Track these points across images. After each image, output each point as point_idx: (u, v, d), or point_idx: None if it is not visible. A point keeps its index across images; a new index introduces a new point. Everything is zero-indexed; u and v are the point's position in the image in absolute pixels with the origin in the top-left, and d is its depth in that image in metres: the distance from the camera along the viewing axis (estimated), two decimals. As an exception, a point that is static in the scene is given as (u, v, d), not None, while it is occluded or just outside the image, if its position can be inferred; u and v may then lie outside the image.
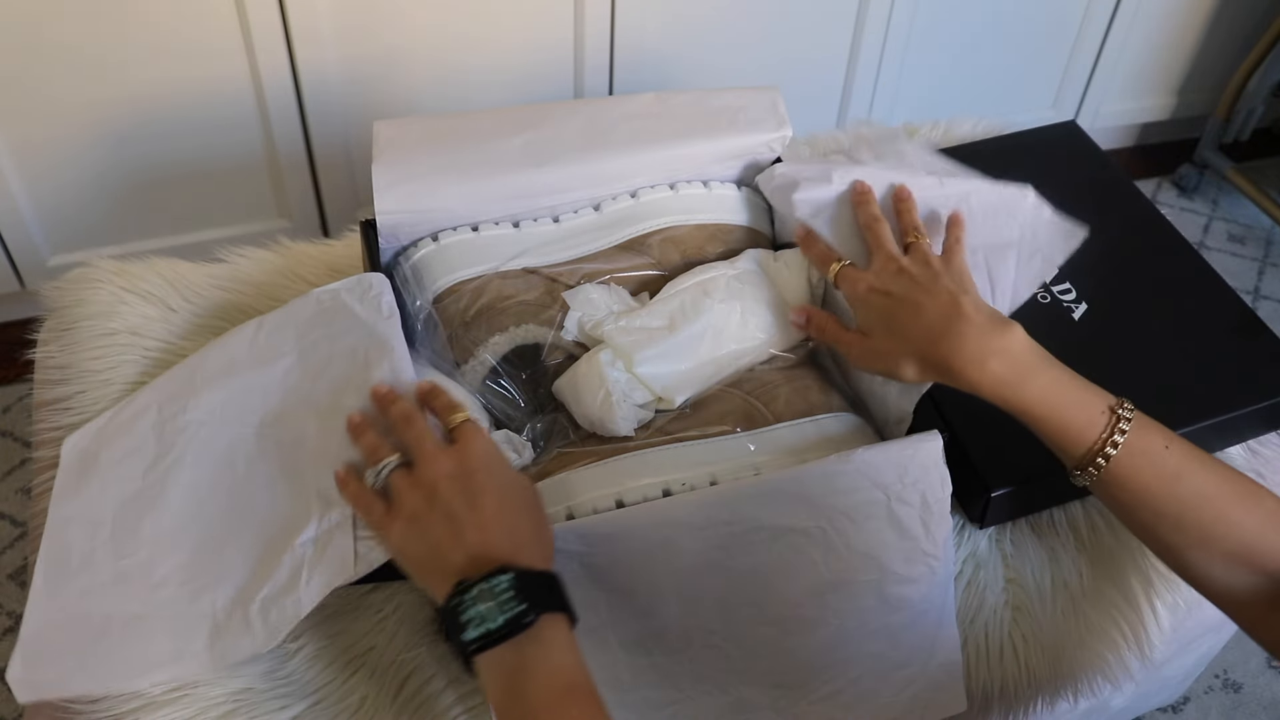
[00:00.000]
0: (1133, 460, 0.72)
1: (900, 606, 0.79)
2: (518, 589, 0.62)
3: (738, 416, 0.82)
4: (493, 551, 0.65)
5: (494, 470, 0.69)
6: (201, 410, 0.84)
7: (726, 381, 0.86)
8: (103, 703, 0.74)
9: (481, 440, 0.71)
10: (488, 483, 0.68)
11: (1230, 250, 2.01)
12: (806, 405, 0.83)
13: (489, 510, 0.67)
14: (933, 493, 0.77)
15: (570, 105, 0.98)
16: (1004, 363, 0.74)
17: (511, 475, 0.71)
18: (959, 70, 1.84)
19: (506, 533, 0.67)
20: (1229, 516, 0.70)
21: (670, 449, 0.80)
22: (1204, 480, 0.72)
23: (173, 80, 1.43)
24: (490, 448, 0.71)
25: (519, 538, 0.67)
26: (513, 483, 0.70)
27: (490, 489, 0.68)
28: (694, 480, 0.78)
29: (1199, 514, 0.71)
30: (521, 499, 0.70)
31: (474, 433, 0.71)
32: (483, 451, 0.70)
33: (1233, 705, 1.38)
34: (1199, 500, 0.71)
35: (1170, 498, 0.72)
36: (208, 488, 0.80)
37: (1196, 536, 0.71)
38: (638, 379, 0.82)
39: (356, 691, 0.77)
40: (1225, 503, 0.71)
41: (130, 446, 0.84)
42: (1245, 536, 0.70)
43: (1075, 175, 1.11)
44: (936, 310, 0.77)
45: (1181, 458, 0.72)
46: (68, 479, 0.84)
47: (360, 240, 0.93)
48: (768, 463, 0.79)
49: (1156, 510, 0.72)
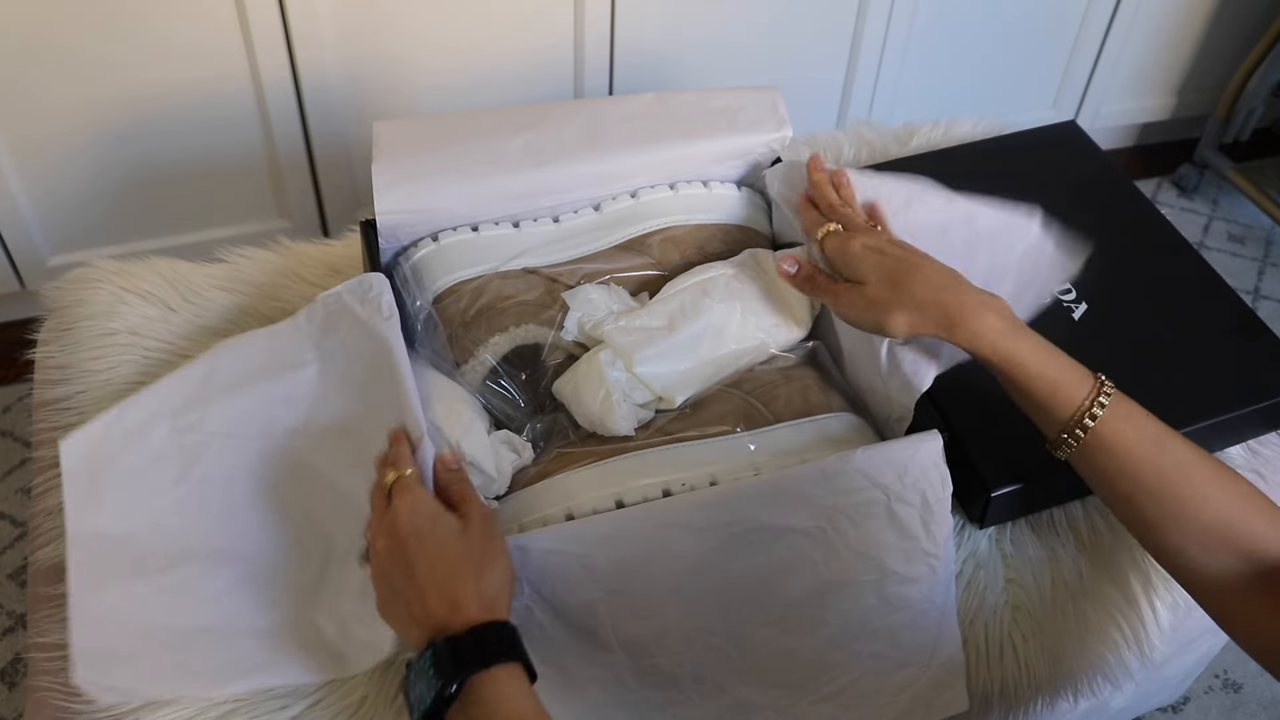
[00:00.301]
0: (1118, 423, 0.73)
1: (901, 606, 0.79)
2: (437, 663, 0.63)
3: (738, 416, 0.82)
4: (432, 619, 0.65)
5: (422, 532, 0.68)
6: (223, 421, 0.84)
7: (726, 381, 0.86)
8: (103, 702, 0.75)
9: (407, 502, 0.69)
10: (418, 550, 0.67)
11: (1230, 250, 2.00)
12: (806, 405, 0.83)
13: (421, 579, 0.67)
14: (933, 492, 0.77)
15: (570, 105, 0.99)
16: (1001, 317, 0.76)
17: (441, 531, 0.69)
18: (959, 70, 1.84)
19: (440, 597, 0.66)
20: (1205, 491, 0.71)
21: (670, 449, 0.80)
22: (1184, 452, 0.73)
23: (173, 80, 1.43)
24: (416, 506, 0.69)
25: (454, 596, 0.66)
26: (442, 540, 0.68)
27: (420, 556, 0.67)
28: (694, 480, 0.78)
29: (1177, 487, 0.72)
30: (454, 554, 0.68)
31: (399, 494, 0.70)
32: (407, 515, 0.69)
33: (1233, 705, 1.38)
34: (1178, 472, 0.72)
35: (1151, 465, 0.72)
36: (247, 500, 0.81)
37: (1173, 510, 0.72)
38: (638, 379, 0.82)
39: (356, 691, 0.77)
40: (1202, 477, 0.72)
41: (150, 456, 0.83)
42: (1220, 512, 0.71)
43: (1075, 175, 1.11)
44: (934, 269, 0.79)
45: (1161, 427, 0.74)
46: (79, 485, 0.83)
47: (360, 240, 0.93)
48: (768, 463, 0.79)
49: (1137, 479, 0.73)
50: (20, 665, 1.26)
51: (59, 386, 0.92)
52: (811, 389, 0.85)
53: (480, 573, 0.67)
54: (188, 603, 0.77)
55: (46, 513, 0.85)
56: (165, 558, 0.79)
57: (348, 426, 0.81)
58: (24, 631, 1.25)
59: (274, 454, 0.82)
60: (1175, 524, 0.72)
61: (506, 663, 0.64)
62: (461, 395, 0.82)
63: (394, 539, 0.68)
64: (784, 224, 0.96)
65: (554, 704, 0.70)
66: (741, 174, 0.98)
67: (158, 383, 0.87)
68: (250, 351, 0.87)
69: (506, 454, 0.80)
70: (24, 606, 0.79)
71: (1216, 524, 0.71)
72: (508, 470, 0.79)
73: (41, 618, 0.80)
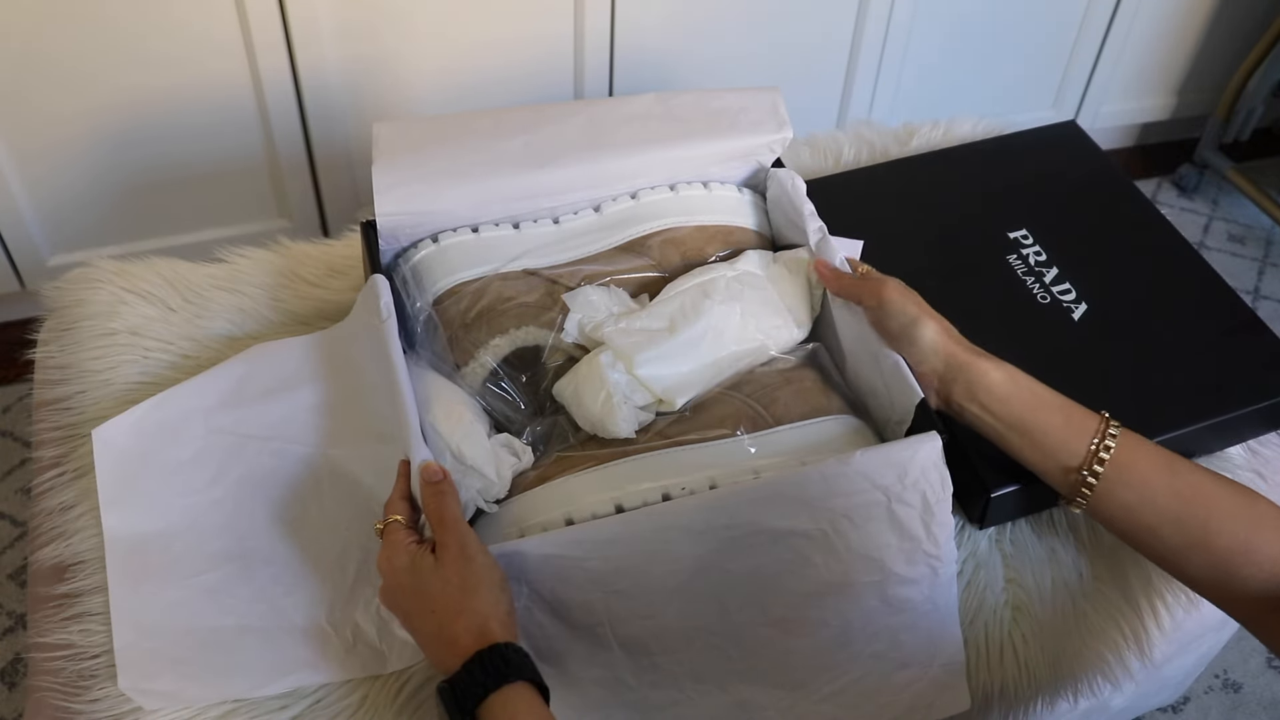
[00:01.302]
0: (1131, 454, 0.73)
1: (902, 608, 0.79)
2: (446, 708, 0.65)
3: (738, 419, 0.82)
4: (443, 663, 0.67)
5: (403, 584, 0.70)
6: (260, 424, 0.85)
7: (727, 384, 0.85)
8: (103, 702, 0.75)
9: (387, 553, 0.71)
10: (404, 600, 0.70)
11: (1230, 250, 2.00)
12: (807, 408, 0.83)
13: (416, 627, 0.70)
14: (933, 493, 0.77)
15: (570, 106, 0.98)
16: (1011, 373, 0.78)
17: (420, 576, 0.69)
18: (959, 70, 1.84)
19: (436, 641, 0.68)
20: (1226, 511, 0.72)
21: (670, 453, 0.80)
22: (1198, 476, 0.73)
23: (173, 80, 1.43)
24: (394, 557, 0.71)
25: (447, 635, 0.67)
26: (422, 586, 0.69)
27: (408, 606, 0.70)
28: (693, 484, 0.78)
29: (1197, 509, 0.72)
30: (436, 594, 0.68)
31: (385, 544, 0.72)
32: (388, 566, 0.71)
33: (1233, 705, 1.38)
34: (1196, 495, 0.72)
35: (1170, 492, 0.72)
36: (283, 504, 0.82)
37: (1199, 534, 0.72)
38: (638, 380, 0.82)
39: (357, 691, 0.77)
40: (1221, 499, 0.72)
41: (186, 455, 0.84)
42: (1242, 533, 0.71)
43: (1075, 175, 1.11)
44: None
45: (1172, 455, 0.74)
46: (111, 482, 0.83)
47: (360, 241, 0.93)
48: (768, 465, 0.79)
49: (1157, 507, 0.73)
50: (20, 665, 1.26)
51: (59, 386, 0.92)
52: (812, 391, 0.85)
53: (463, 605, 0.67)
54: (228, 603, 0.78)
55: (46, 513, 0.85)
56: (204, 559, 0.80)
57: (380, 432, 0.82)
58: (24, 631, 1.25)
59: (310, 459, 0.84)
60: (1201, 548, 0.72)
61: (509, 684, 0.64)
62: (461, 398, 0.82)
63: (385, 590, 0.71)
64: (783, 225, 0.96)
65: (554, 703, 0.70)
66: (742, 175, 0.98)
67: (193, 380, 0.88)
68: (286, 357, 0.89)
69: (506, 458, 0.79)
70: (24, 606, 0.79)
71: (1239, 545, 0.71)
72: (507, 474, 0.79)
73: (41, 618, 0.81)
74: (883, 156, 1.17)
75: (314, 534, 0.81)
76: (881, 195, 1.09)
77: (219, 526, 0.81)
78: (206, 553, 0.80)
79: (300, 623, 0.77)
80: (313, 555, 0.80)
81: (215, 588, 0.78)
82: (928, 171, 1.12)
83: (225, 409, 0.86)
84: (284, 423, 0.85)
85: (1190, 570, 0.73)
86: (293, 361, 0.88)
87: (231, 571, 0.79)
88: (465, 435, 0.78)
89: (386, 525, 0.73)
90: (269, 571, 0.79)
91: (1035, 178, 1.10)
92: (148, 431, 0.86)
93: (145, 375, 0.92)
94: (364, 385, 0.85)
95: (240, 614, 0.77)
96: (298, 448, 0.84)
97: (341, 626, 0.77)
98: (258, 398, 0.86)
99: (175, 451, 0.84)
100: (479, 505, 0.77)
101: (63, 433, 0.89)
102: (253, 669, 0.75)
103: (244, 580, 0.79)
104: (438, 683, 0.66)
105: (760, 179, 0.98)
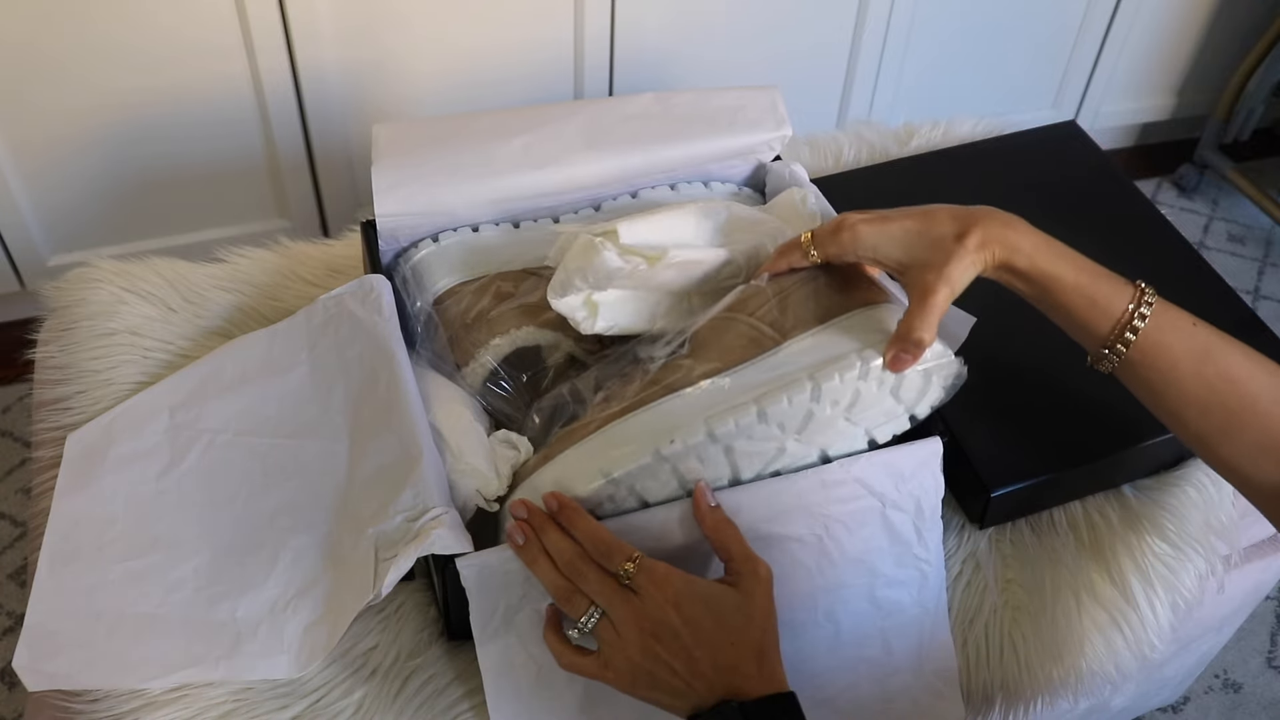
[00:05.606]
0: (1161, 335, 0.70)
1: (892, 611, 0.79)
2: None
3: (742, 347, 0.74)
4: (715, 690, 0.64)
5: (682, 606, 0.66)
6: (216, 418, 0.85)
7: (728, 304, 0.78)
8: (103, 702, 0.75)
9: (658, 579, 0.67)
10: (683, 628, 0.66)
11: (1230, 250, 2.01)
12: (821, 310, 0.74)
13: (693, 651, 0.65)
14: (927, 498, 0.77)
15: (570, 106, 0.98)
16: (1032, 230, 0.72)
17: (701, 602, 0.66)
18: (959, 70, 1.84)
19: (715, 665, 0.65)
20: (1256, 405, 0.69)
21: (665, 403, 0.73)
22: (1231, 362, 0.70)
23: (173, 80, 1.43)
24: (669, 580, 0.67)
25: (729, 660, 0.65)
26: (703, 612, 0.66)
27: (686, 631, 0.65)
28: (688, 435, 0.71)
29: (1225, 399, 0.69)
30: (718, 620, 0.66)
31: (649, 574, 0.67)
32: (663, 592, 0.67)
33: (1233, 705, 1.38)
34: (1226, 384, 0.69)
35: (1197, 379, 0.70)
36: (226, 497, 0.81)
37: (1222, 424, 0.70)
38: (626, 249, 0.78)
39: (356, 691, 0.77)
40: (1253, 389, 0.69)
41: (141, 448, 0.84)
42: (1269, 426, 0.68)
43: (1075, 175, 1.11)
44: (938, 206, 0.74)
45: (1209, 335, 0.71)
46: (71, 473, 0.84)
47: (360, 240, 0.93)
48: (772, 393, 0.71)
49: (1183, 392, 0.70)
50: (20, 665, 1.26)
51: (59, 386, 0.92)
52: (824, 292, 0.75)
53: (749, 640, 0.66)
54: (145, 591, 0.77)
55: (46, 513, 0.85)
56: (133, 546, 0.79)
57: (335, 426, 0.81)
58: (24, 631, 1.25)
59: (258, 451, 0.83)
60: (1225, 437, 0.70)
61: None
62: (462, 397, 0.82)
63: (656, 619, 0.66)
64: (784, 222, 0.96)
65: (555, 698, 0.70)
66: (742, 174, 0.98)
67: (164, 380, 0.88)
68: (251, 351, 0.88)
69: (505, 453, 0.79)
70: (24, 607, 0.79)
71: (1265, 438, 0.69)
72: (506, 471, 0.79)
73: (41, 618, 0.80)
74: (883, 156, 1.18)
75: (245, 529, 0.79)
76: (881, 195, 1.08)
77: (156, 516, 0.80)
78: (138, 541, 0.79)
79: (212, 616, 0.75)
80: (239, 548, 0.78)
81: (139, 575, 0.77)
82: (928, 171, 1.12)
83: (188, 405, 0.85)
84: (239, 416, 0.84)
85: (1213, 457, 0.71)
86: (256, 355, 0.87)
87: (157, 560, 0.78)
88: (466, 435, 0.77)
89: (640, 562, 0.67)
90: (194, 562, 0.78)
91: (1035, 178, 1.10)
92: (115, 429, 0.86)
93: (145, 375, 0.92)
94: (323, 379, 0.84)
95: (155, 602, 0.76)
96: (248, 440, 0.83)
97: (254, 624, 0.75)
98: (219, 392, 0.86)
99: (135, 445, 0.84)
100: (479, 505, 0.77)
101: (63, 433, 0.89)
102: (147, 661, 0.74)
103: (168, 569, 0.78)
104: (730, 702, 0.63)
105: (761, 178, 0.98)
